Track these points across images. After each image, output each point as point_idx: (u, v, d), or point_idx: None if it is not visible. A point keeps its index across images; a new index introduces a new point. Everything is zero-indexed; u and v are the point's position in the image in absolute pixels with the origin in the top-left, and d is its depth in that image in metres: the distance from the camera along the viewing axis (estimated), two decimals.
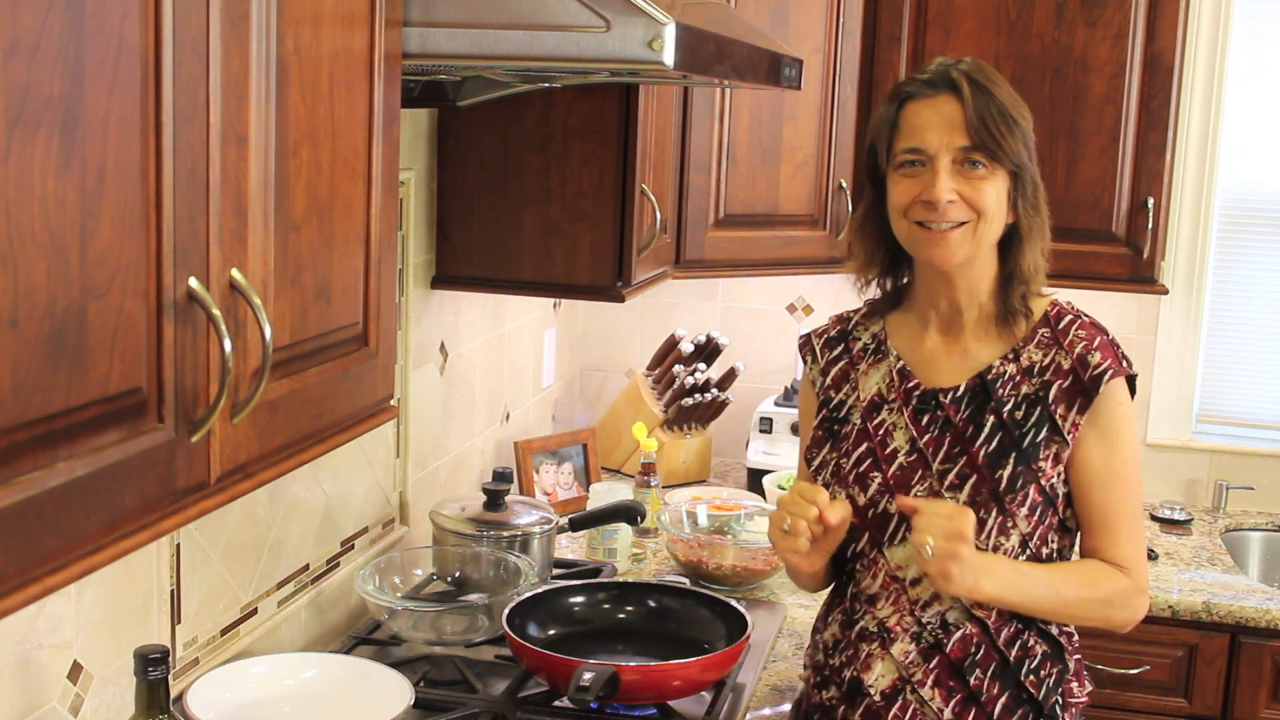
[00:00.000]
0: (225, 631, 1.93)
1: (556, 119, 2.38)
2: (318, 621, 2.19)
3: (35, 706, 1.52)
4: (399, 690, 1.78)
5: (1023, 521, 1.75)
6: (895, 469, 1.79)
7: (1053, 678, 1.79)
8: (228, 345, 1.13)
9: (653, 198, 2.45)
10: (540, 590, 2.18)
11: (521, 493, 2.89)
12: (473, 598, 2.19)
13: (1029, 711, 1.78)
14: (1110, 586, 1.76)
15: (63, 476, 0.98)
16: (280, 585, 2.08)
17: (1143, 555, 1.80)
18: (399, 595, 2.18)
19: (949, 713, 1.77)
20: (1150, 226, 2.91)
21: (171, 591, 1.78)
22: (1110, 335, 1.79)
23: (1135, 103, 2.89)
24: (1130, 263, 2.94)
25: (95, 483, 1.01)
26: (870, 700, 1.80)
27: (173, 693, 1.59)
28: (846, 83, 2.99)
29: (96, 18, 0.97)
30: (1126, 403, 1.77)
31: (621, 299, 2.43)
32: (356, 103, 1.41)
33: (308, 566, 2.16)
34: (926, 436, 1.78)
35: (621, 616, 2.23)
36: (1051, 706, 1.79)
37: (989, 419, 1.76)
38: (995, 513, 1.74)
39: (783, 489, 2.91)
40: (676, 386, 3.23)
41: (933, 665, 1.78)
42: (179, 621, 1.80)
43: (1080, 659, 1.86)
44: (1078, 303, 1.86)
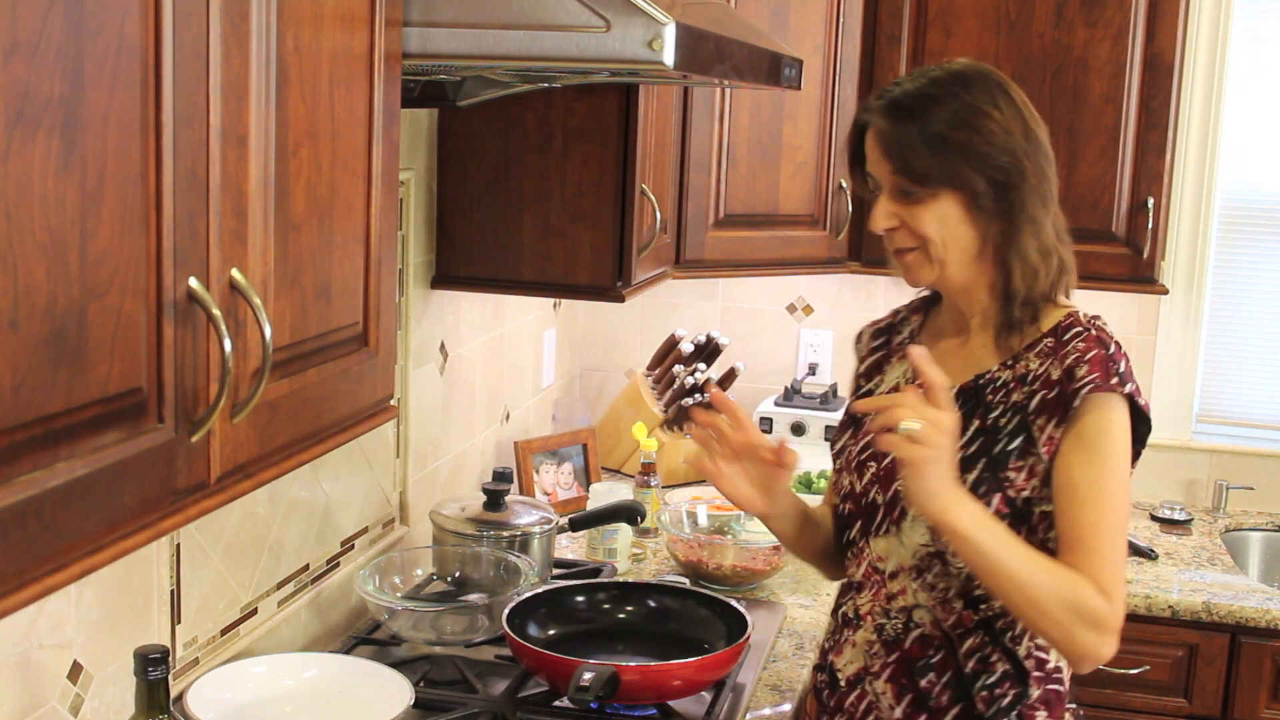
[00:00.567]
0: (225, 631, 1.93)
1: (556, 119, 2.38)
2: (318, 621, 2.19)
3: (35, 706, 1.52)
4: (399, 690, 1.78)
5: None
6: (887, 461, 1.78)
7: (1008, 698, 1.71)
8: (228, 345, 1.13)
9: (653, 198, 2.46)
10: (540, 590, 2.18)
11: (521, 493, 2.89)
12: (473, 598, 2.19)
13: None
14: (1086, 598, 1.60)
15: (63, 476, 0.98)
16: (280, 585, 2.08)
17: (1121, 588, 1.64)
18: (399, 595, 2.18)
19: (899, 711, 1.74)
20: (1150, 226, 2.91)
21: (171, 591, 1.78)
22: (1111, 351, 1.68)
23: (1135, 103, 2.89)
24: (1130, 263, 2.94)
25: (95, 483, 1.01)
26: (839, 685, 1.81)
27: (173, 693, 1.59)
28: (846, 83, 2.99)
29: (96, 18, 0.97)
30: (1115, 420, 1.65)
31: (621, 299, 2.43)
32: (356, 103, 1.41)
33: (308, 566, 2.16)
34: None
35: (621, 616, 2.23)
36: None
37: (974, 423, 1.73)
38: None
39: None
40: (676, 386, 3.23)
41: (890, 659, 1.76)
42: (179, 621, 1.80)
43: (1058, 691, 1.74)
44: (1078, 302, 1.80)
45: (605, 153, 2.38)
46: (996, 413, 1.72)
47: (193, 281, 1.11)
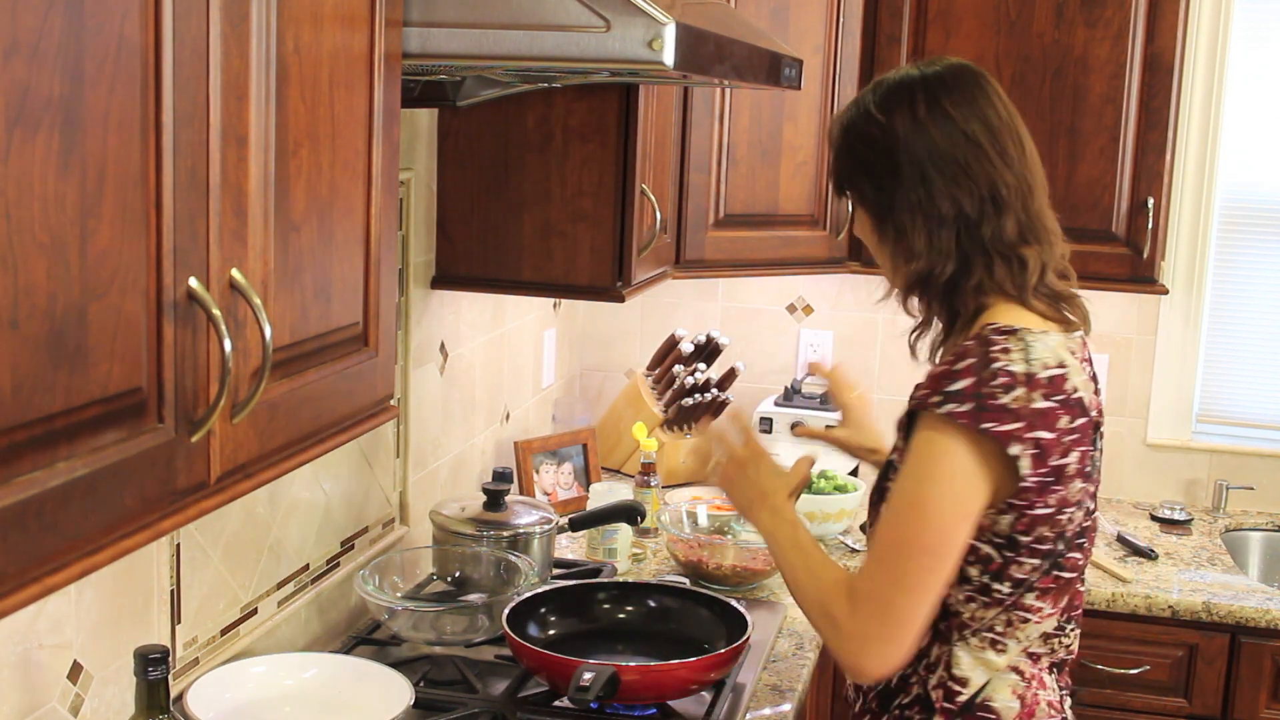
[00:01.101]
0: (225, 631, 1.93)
1: (556, 119, 2.38)
2: (318, 621, 2.19)
3: (35, 706, 1.52)
4: (399, 690, 1.78)
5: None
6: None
7: None
8: (228, 345, 1.13)
9: (653, 198, 2.46)
10: (540, 590, 2.18)
11: (521, 493, 2.89)
12: (473, 598, 2.19)
13: None
14: (830, 600, 1.62)
15: (63, 476, 0.98)
16: (280, 585, 2.08)
17: (881, 606, 1.57)
18: (399, 595, 2.18)
19: (858, 706, 1.80)
20: (1150, 226, 2.91)
21: (171, 591, 1.78)
22: (959, 368, 1.57)
23: (1135, 103, 2.89)
24: (1130, 263, 2.94)
25: (95, 483, 1.01)
26: None
27: (173, 693, 1.59)
28: (846, 83, 2.99)
29: (96, 18, 0.97)
30: (932, 441, 1.57)
31: (621, 299, 2.43)
32: (356, 103, 1.41)
33: (308, 566, 2.16)
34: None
35: (621, 616, 2.24)
36: None
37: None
38: (868, 521, 1.76)
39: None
40: (676, 386, 3.23)
41: None
42: (179, 621, 1.80)
43: None
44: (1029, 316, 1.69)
45: (605, 153, 2.37)
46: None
47: (193, 281, 1.11)
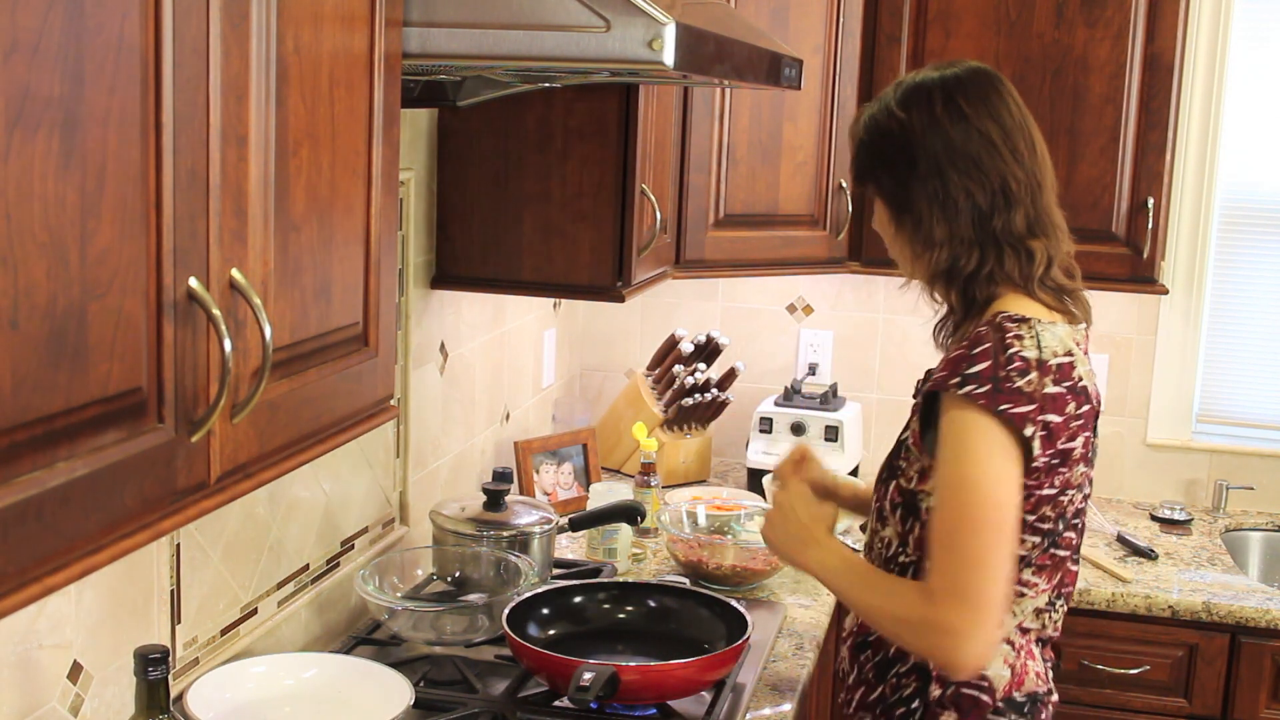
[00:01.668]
0: (225, 631, 1.93)
1: (556, 119, 2.39)
2: (318, 621, 2.19)
3: (35, 706, 1.52)
4: (399, 690, 1.78)
5: (892, 518, 1.79)
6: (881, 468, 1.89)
7: (910, 689, 1.77)
8: (228, 345, 1.13)
9: (653, 198, 2.45)
10: (540, 590, 2.18)
11: (521, 493, 2.89)
12: (473, 598, 2.19)
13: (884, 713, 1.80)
14: (901, 608, 1.67)
15: (63, 476, 0.98)
16: (280, 585, 2.08)
17: (960, 594, 1.61)
18: (399, 595, 2.18)
19: (852, 678, 1.88)
20: (1150, 226, 2.91)
21: (171, 591, 1.78)
22: (975, 351, 1.65)
23: (1135, 103, 2.89)
24: (1130, 263, 2.94)
25: (95, 483, 1.01)
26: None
27: (173, 693, 1.59)
28: (846, 83, 2.99)
29: (96, 18, 0.97)
30: (958, 421, 1.63)
31: (621, 299, 2.43)
32: (356, 103, 1.41)
33: (308, 566, 2.16)
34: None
35: (621, 616, 2.24)
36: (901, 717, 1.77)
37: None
38: (875, 501, 1.85)
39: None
40: (676, 386, 3.23)
41: (852, 630, 1.90)
42: (179, 621, 1.80)
43: (975, 698, 1.72)
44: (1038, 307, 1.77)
45: (605, 153, 2.38)
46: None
47: (193, 281, 1.11)
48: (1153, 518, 3.22)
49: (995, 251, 1.72)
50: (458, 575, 2.28)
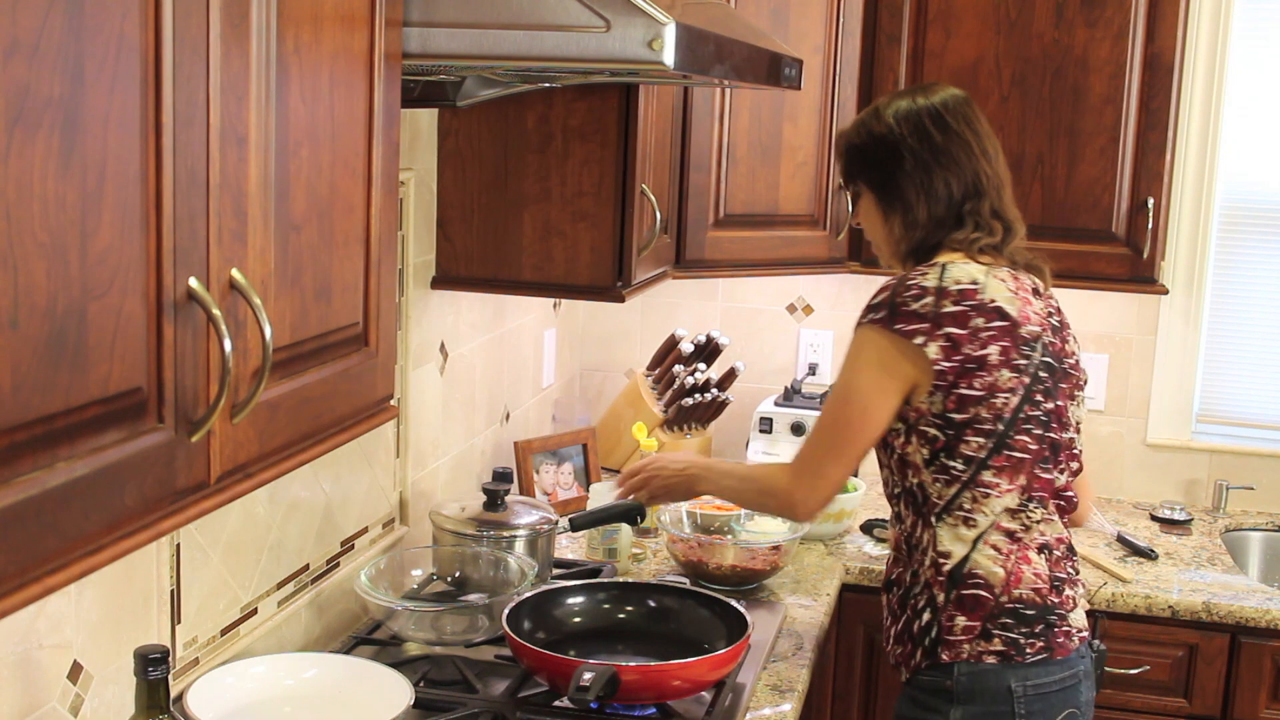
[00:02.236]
0: (225, 631, 1.93)
1: (556, 119, 2.38)
2: (318, 621, 2.19)
3: (35, 706, 1.52)
4: (399, 690, 1.78)
5: (882, 455, 2.07)
6: None
7: (922, 601, 2.01)
8: (228, 345, 1.13)
9: (653, 198, 2.45)
10: (540, 590, 2.18)
11: (521, 493, 2.89)
12: (473, 598, 2.19)
13: (914, 648, 2.02)
14: (767, 482, 2.11)
15: (63, 476, 0.98)
16: (280, 585, 2.08)
17: (812, 471, 2.03)
18: (399, 595, 2.18)
19: (888, 620, 2.11)
20: (1150, 226, 2.91)
21: (171, 591, 1.78)
22: (881, 286, 1.99)
23: (1135, 103, 2.89)
24: (1130, 263, 2.94)
25: (95, 483, 1.01)
26: None
27: (173, 693, 1.59)
28: (846, 83, 2.99)
29: (96, 18, 0.97)
30: (855, 341, 1.99)
31: (621, 299, 2.43)
32: (356, 103, 1.41)
33: (308, 566, 2.16)
34: None
35: (621, 616, 2.24)
36: (933, 644, 1.99)
37: None
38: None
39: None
40: (676, 386, 3.23)
41: (885, 572, 2.16)
42: (179, 621, 1.80)
43: (975, 596, 1.96)
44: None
45: (605, 153, 2.37)
46: None
47: (193, 281, 1.11)
48: (1153, 518, 3.22)
49: (958, 224, 2.04)
50: (458, 575, 2.28)
